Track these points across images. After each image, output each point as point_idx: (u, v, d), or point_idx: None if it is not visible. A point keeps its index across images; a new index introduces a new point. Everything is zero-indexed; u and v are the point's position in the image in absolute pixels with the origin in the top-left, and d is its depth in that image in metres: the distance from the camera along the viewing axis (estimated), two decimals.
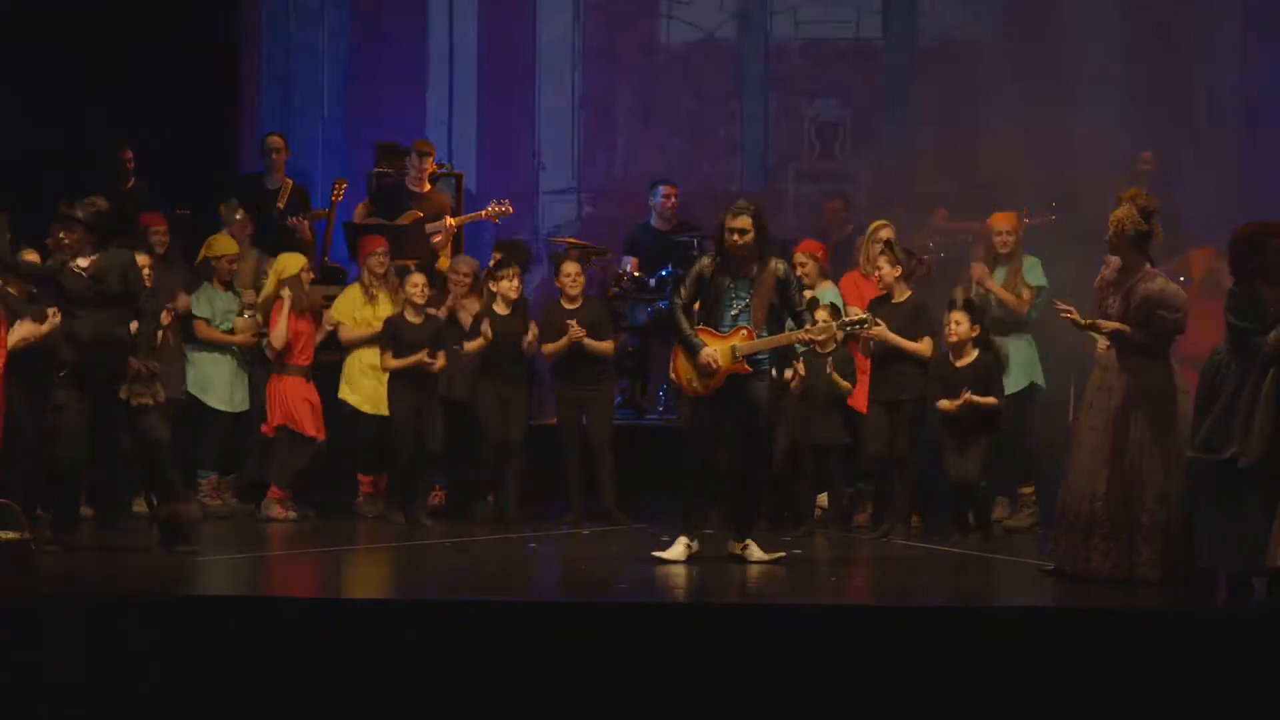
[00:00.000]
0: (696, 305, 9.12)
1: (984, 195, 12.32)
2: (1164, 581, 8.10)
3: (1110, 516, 8.22)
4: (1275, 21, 13.61)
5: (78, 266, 9.15)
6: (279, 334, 11.02)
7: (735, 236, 8.91)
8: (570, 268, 11.10)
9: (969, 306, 10.22)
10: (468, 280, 11.25)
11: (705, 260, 9.12)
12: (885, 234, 10.73)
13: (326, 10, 14.73)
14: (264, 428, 11.12)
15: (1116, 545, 8.20)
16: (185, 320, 11.21)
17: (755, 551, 9.04)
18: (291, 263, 11.23)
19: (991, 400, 10.07)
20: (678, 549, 9.04)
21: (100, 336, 9.11)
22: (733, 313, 8.96)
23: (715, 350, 8.91)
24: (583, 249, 12.55)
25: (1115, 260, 8.56)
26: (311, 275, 11.35)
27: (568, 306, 11.02)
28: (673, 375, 9.22)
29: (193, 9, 13.24)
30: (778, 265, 9.01)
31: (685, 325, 9.02)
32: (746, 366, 8.93)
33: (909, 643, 7.28)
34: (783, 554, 9.13)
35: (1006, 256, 10.77)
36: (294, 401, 11.04)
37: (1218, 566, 7.94)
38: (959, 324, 10.15)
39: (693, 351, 8.95)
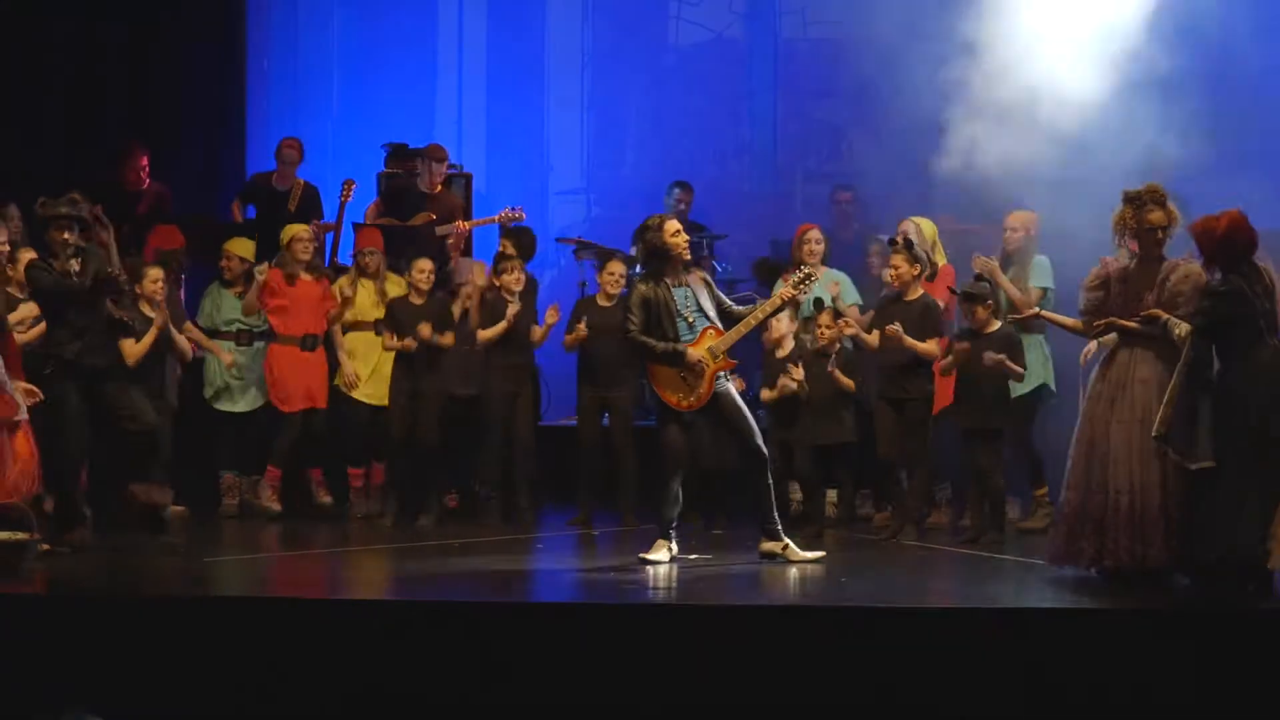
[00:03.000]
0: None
1: (988, 196, 12.30)
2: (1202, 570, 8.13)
3: (1157, 505, 8.16)
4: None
5: (72, 268, 9.19)
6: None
7: (683, 239, 9.12)
8: (616, 267, 11.08)
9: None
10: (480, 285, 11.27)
11: (642, 285, 9.17)
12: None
13: (335, 11, 14.74)
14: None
15: (1166, 533, 8.14)
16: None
17: (795, 552, 9.08)
18: (286, 232, 11.32)
19: (1019, 370, 10.00)
20: (661, 551, 9.08)
21: (93, 332, 9.17)
22: (688, 321, 9.08)
23: (698, 355, 9.02)
24: (595, 249, 12.56)
25: (1112, 261, 8.55)
26: (310, 245, 11.31)
27: (603, 304, 11.00)
28: (663, 397, 9.15)
29: (202, 10, 13.25)
30: (696, 269, 9.25)
31: (655, 342, 9.06)
32: (731, 361, 9.09)
33: (918, 644, 7.29)
34: (823, 554, 9.15)
35: (1015, 254, 10.75)
36: (279, 373, 11.11)
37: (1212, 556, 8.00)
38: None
39: (677, 358, 9.01)
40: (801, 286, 9.40)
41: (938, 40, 14.39)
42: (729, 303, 9.27)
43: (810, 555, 9.07)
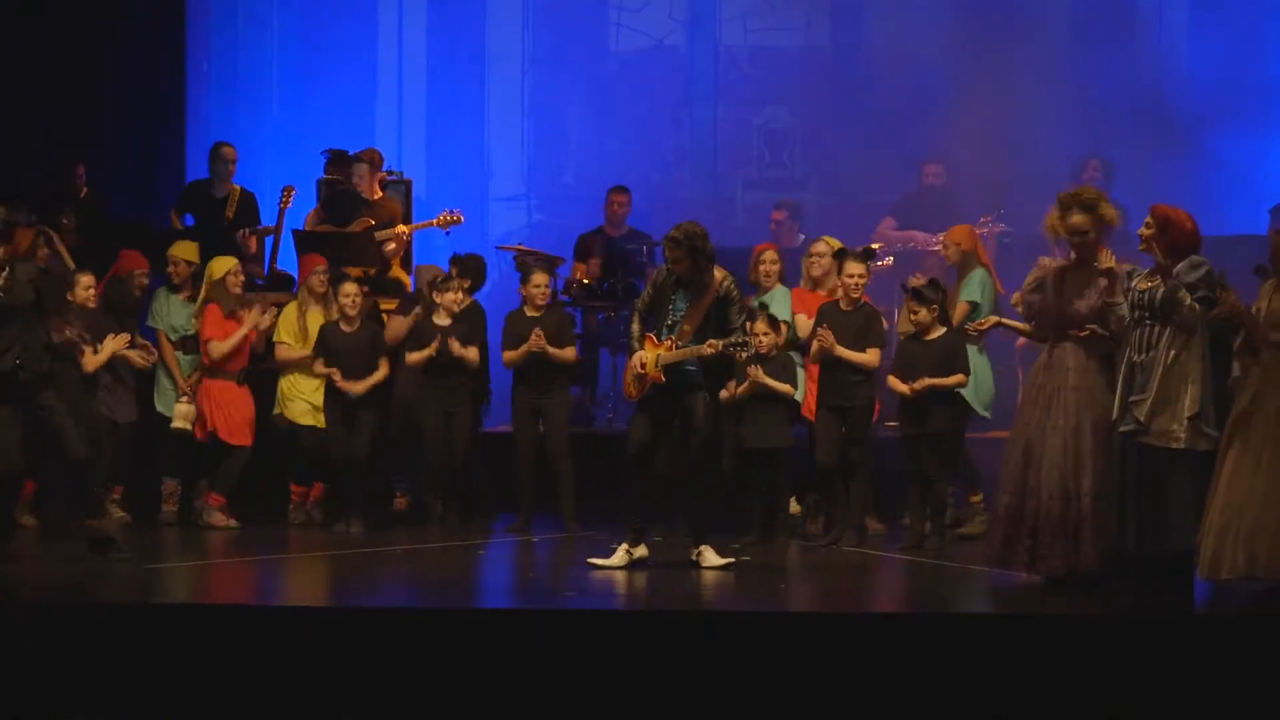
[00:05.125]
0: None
1: (931, 202, 12.39)
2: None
3: (1089, 509, 8.22)
4: (1221, 17, 13.77)
5: (9, 279, 9.07)
6: (218, 349, 10.93)
7: (669, 265, 9.21)
8: (539, 278, 11.10)
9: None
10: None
11: (663, 269, 9.34)
12: (819, 247, 10.78)
13: (275, 15, 14.69)
14: (197, 432, 11.06)
15: (1096, 536, 8.20)
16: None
17: (709, 557, 9.17)
18: (217, 267, 11.16)
19: (958, 378, 10.04)
20: (618, 555, 9.14)
21: (27, 346, 9.07)
22: (668, 323, 9.21)
23: (643, 355, 9.18)
24: (535, 256, 12.55)
25: (1049, 262, 8.58)
26: (240, 278, 11.22)
27: (531, 315, 10.99)
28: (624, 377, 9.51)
29: (140, 13, 13.18)
30: (721, 282, 9.18)
31: (635, 329, 9.35)
32: (662, 377, 9.14)
33: (856, 649, 7.31)
34: (733, 559, 9.22)
35: (955, 269, 10.79)
36: (222, 408, 10.99)
37: (1148, 552, 8.06)
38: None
39: (630, 352, 9.31)
40: (730, 349, 9.27)
41: (878, 47, 14.52)
42: (730, 326, 9.14)
43: (720, 561, 9.16)
